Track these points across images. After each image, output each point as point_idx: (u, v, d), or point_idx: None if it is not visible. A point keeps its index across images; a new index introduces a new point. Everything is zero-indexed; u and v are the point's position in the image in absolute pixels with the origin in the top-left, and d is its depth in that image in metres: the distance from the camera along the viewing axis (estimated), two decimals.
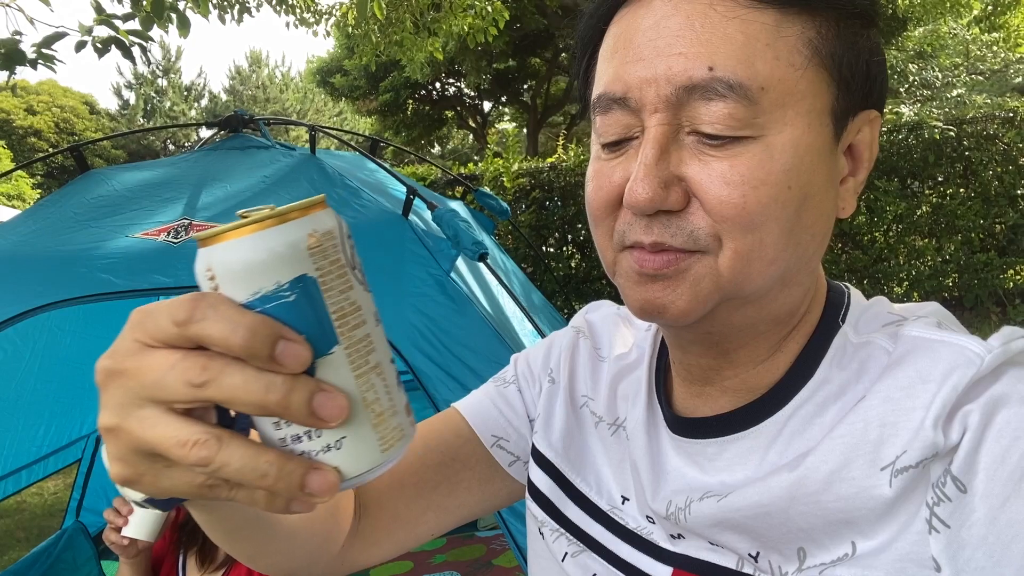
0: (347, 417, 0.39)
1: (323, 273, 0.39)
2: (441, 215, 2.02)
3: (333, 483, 0.39)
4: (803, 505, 0.52)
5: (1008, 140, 5.69)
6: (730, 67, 0.50)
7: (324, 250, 0.40)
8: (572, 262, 6.67)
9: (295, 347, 0.38)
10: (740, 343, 0.59)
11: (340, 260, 0.41)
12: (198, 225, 2.03)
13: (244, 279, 0.38)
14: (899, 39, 13.44)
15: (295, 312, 0.38)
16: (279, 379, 0.37)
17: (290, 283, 0.38)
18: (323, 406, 0.38)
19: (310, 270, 0.39)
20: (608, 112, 0.55)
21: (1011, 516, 0.44)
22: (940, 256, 5.97)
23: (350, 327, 0.40)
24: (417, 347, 1.83)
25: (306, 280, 0.39)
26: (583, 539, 0.69)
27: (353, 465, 0.40)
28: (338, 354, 0.40)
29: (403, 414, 0.43)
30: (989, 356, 0.49)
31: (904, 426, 0.49)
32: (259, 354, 0.37)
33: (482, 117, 19.41)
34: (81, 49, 3.34)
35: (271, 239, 0.38)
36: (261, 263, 0.38)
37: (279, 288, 0.38)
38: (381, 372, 0.42)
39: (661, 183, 0.51)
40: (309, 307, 0.39)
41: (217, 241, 0.39)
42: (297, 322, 0.38)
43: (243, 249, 0.38)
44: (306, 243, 0.39)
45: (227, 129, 2.77)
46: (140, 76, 30.55)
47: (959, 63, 17.79)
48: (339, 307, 0.40)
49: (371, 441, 0.41)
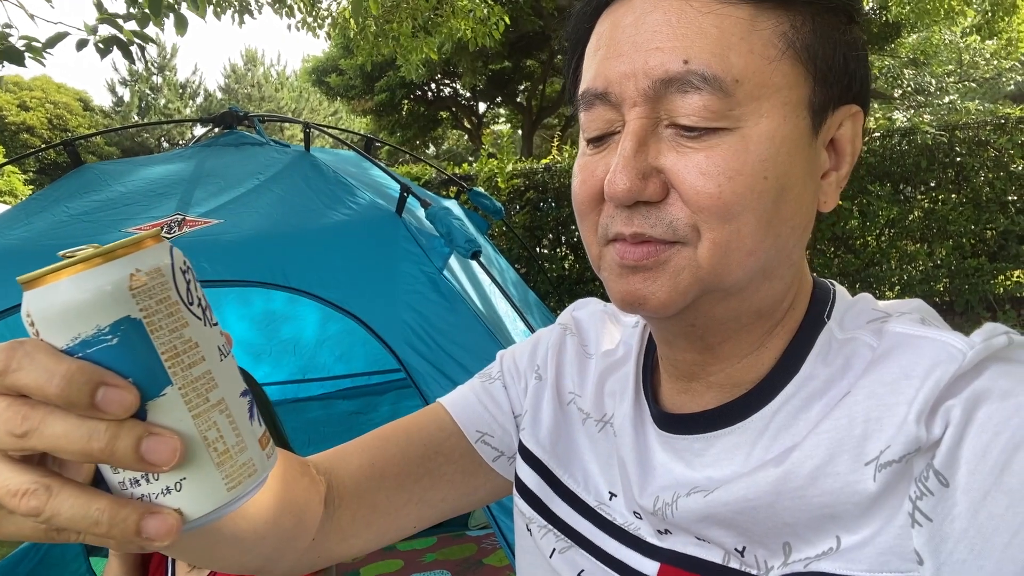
0: (183, 459, 0.38)
1: (149, 313, 0.38)
2: (435, 213, 2.03)
3: (172, 526, 0.39)
4: (788, 500, 0.53)
5: (1000, 146, 5.72)
6: (704, 60, 0.51)
7: (149, 289, 0.38)
8: (566, 263, 6.68)
9: (117, 393, 0.37)
10: (724, 336, 0.59)
11: (170, 298, 0.39)
12: (191, 221, 2.03)
13: (62, 324, 0.37)
14: (893, 45, 13.52)
15: (118, 355, 0.37)
16: (102, 426, 0.36)
17: (111, 326, 0.37)
18: (152, 451, 0.37)
19: (133, 311, 0.38)
20: (591, 108, 0.57)
21: (992, 510, 0.45)
22: (932, 261, 6.00)
23: (184, 366, 0.39)
24: (410, 344, 1.83)
25: (129, 322, 0.37)
26: (571, 535, 0.70)
27: (196, 506, 0.39)
28: (171, 395, 0.38)
29: (255, 448, 0.42)
30: (971, 352, 0.49)
31: (888, 421, 0.50)
32: (77, 402, 0.36)
33: (477, 118, 19.42)
34: (83, 48, 3.33)
35: (89, 281, 0.37)
36: (78, 307, 0.37)
37: (99, 332, 0.37)
38: (225, 409, 0.41)
39: (639, 174, 0.52)
40: (133, 350, 0.38)
41: (35, 285, 0.38)
42: (122, 365, 0.37)
43: (60, 293, 0.37)
44: (127, 284, 0.38)
45: (222, 126, 2.77)
46: (135, 73, 30.43)
47: (952, 70, 17.89)
48: (170, 346, 0.39)
49: (214, 480, 0.40)
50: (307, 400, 3.58)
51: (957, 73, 18.03)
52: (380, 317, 1.85)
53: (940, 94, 17.03)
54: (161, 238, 0.41)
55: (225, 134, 2.71)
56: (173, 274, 0.40)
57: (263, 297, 3.44)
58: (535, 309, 2.92)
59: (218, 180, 2.25)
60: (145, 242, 0.40)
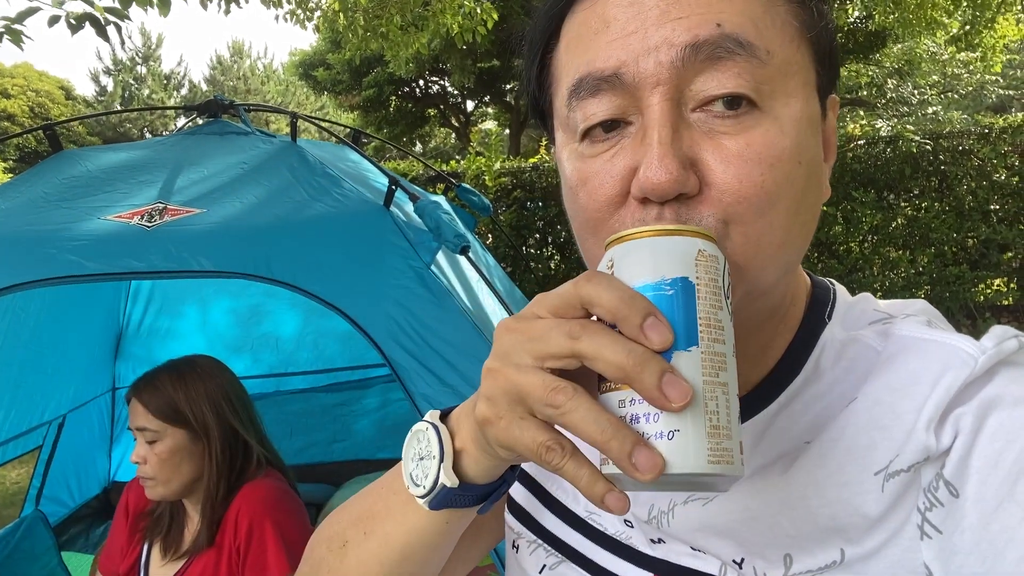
0: (687, 407, 0.41)
1: (701, 283, 0.44)
2: (423, 206, 2.00)
3: (657, 464, 0.40)
4: (792, 510, 0.51)
5: (983, 156, 5.78)
6: (738, 23, 0.48)
7: (708, 266, 0.44)
8: (552, 263, 6.66)
9: (661, 326, 0.41)
10: (738, 338, 0.57)
11: (717, 281, 0.45)
12: (173, 210, 1.98)
13: (637, 268, 0.44)
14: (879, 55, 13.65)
15: (670, 304, 0.43)
16: (639, 349, 0.41)
17: (672, 280, 0.43)
18: (671, 385, 0.40)
19: (691, 275, 0.44)
20: (596, 94, 0.51)
21: (1005, 522, 0.43)
22: (914, 268, 6.05)
23: (711, 338, 0.43)
24: (395, 339, 1.80)
25: (685, 282, 0.43)
26: (561, 548, 0.67)
27: (679, 461, 0.41)
28: (695, 354, 0.42)
29: (737, 448, 0.44)
30: (983, 357, 0.47)
31: (896, 429, 0.48)
32: (630, 321, 0.41)
33: (465, 116, 19.38)
34: (54, 24, 3.24)
35: (668, 243, 0.44)
36: (654, 259, 0.44)
37: (662, 281, 0.43)
38: (727, 392, 0.43)
39: (681, 163, 0.47)
40: (682, 303, 0.43)
41: (622, 241, 0.46)
42: (669, 313, 0.43)
43: (642, 247, 0.45)
44: (695, 254, 0.44)
45: (206, 114, 2.71)
46: (119, 62, 30.06)
47: (936, 81, 18.10)
48: (707, 315, 0.43)
49: (702, 445, 0.41)
50: (288, 394, 3.53)
51: (940, 84, 18.25)
52: (365, 311, 1.82)
53: (923, 105, 17.22)
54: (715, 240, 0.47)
55: (209, 123, 2.66)
56: (723, 268, 0.46)
57: (245, 289, 3.39)
58: (521, 306, 2.90)
59: (201, 169, 2.20)
60: (709, 237, 0.46)
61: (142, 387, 1.68)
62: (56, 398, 3.11)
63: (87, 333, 3.28)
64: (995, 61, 9.79)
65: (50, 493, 3.16)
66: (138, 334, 3.51)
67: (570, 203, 0.55)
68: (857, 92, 16.20)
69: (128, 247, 1.83)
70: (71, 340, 3.11)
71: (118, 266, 1.80)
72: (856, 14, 11.16)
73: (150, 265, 1.81)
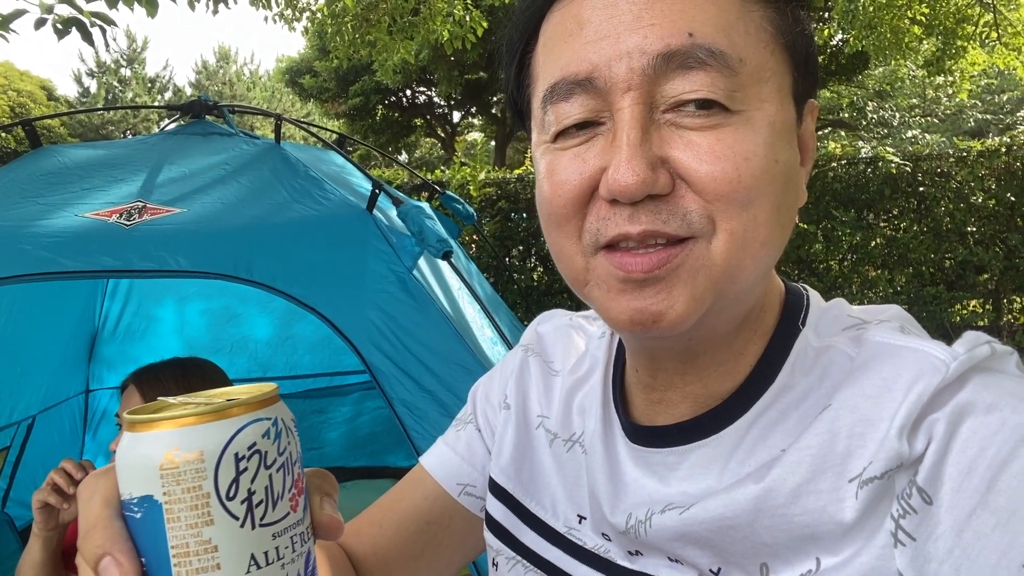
0: None
1: (172, 500, 0.35)
2: (407, 211, 1.99)
3: None
4: (768, 519, 0.50)
5: (961, 179, 5.88)
6: (709, 34, 0.48)
7: (179, 474, 0.35)
8: (535, 274, 6.67)
9: (114, 570, 0.36)
10: (709, 344, 0.57)
11: (200, 488, 0.35)
12: (152, 208, 1.95)
13: (119, 476, 0.37)
14: (860, 77, 13.88)
15: (139, 530, 0.36)
16: None
17: (138, 499, 0.36)
18: None
19: (157, 493, 0.35)
20: (569, 98, 0.51)
21: (978, 529, 0.43)
22: (892, 287, 6.13)
23: (191, 569, 0.35)
24: (375, 345, 1.78)
25: (151, 502, 0.35)
26: (540, 565, 0.67)
27: None
28: None
29: None
30: (955, 363, 0.47)
31: (871, 436, 0.48)
32: (87, 560, 0.36)
33: (451, 127, 19.43)
34: (40, 27, 3.21)
35: (135, 445, 0.36)
36: (123, 467, 0.36)
37: (130, 500, 0.36)
38: None
39: (649, 164, 0.47)
40: (149, 531, 0.35)
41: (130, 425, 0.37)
42: (139, 541, 0.36)
43: (124, 445, 0.36)
44: (159, 462, 0.35)
45: (190, 114, 2.69)
46: (103, 64, 29.79)
47: (915, 104, 18.44)
48: (182, 542, 0.35)
49: None
50: None
51: (920, 108, 18.59)
52: (346, 315, 1.80)
53: (903, 128, 17.53)
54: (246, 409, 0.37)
55: (193, 123, 2.63)
56: (219, 460, 0.36)
57: (223, 291, 3.35)
58: (503, 313, 2.89)
59: (182, 168, 2.17)
60: (210, 416, 0.36)
61: (144, 378, 1.66)
62: (26, 398, 3.04)
63: (60, 333, 3.22)
64: (963, 88, 10.02)
65: (17, 496, 3.08)
66: (114, 335, 3.45)
67: (538, 195, 0.56)
68: (838, 113, 16.45)
69: (105, 245, 1.81)
70: (43, 339, 3.05)
71: (94, 264, 1.77)
72: (838, 36, 11.35)
73: (127, 264, 1.78)
